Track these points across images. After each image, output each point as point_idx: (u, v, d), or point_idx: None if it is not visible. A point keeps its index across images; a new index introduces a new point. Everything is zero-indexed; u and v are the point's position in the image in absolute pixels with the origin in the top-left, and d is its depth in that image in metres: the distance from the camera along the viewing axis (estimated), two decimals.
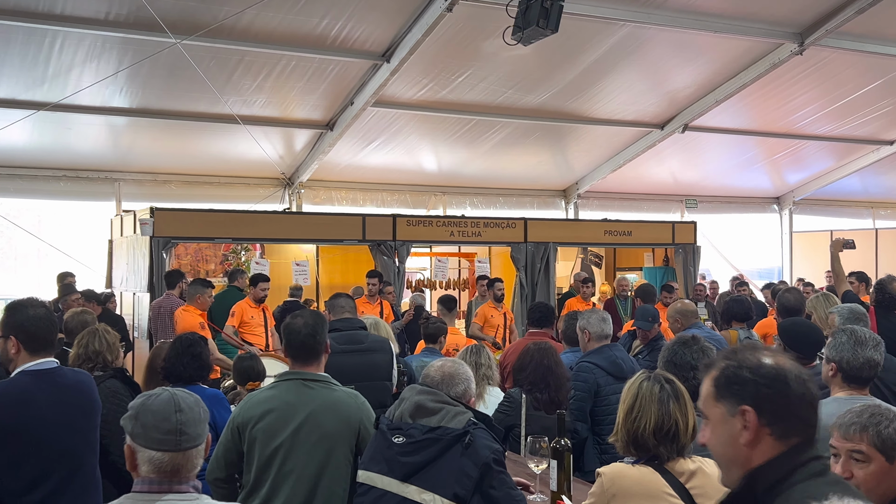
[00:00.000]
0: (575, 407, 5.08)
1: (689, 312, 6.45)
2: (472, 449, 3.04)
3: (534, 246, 11.91)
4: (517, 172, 13.60)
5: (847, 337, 3.55)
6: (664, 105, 11.96)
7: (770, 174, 15.49)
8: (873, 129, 13.75)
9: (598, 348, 5.37)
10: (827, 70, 11.31)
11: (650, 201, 15.30)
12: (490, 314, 9.96)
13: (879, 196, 17.18)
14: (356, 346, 5.07)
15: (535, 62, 10.21)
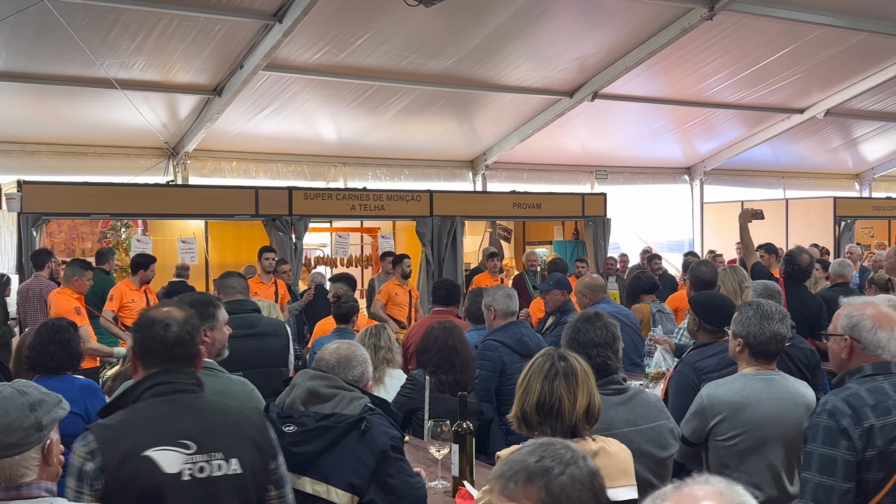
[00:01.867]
0: (480, 387, 5.14)
1: (598, 287, 6.60)
2: (368, 436, 3.04)
3: (440, 220, 11.95)
4: (422, 142, 13.59)
5: (753, 311, 3.66)
6: (573, 72, 12.12)
7: (681, 144, 15.91)
8: (784, 97, 14.27)
9: (504, 326, 5.45)
10: (738, 36, 11.64)
11: (560, 172, 15.53)
12: (395, 292, 9.95)
13: (790, 165, 17.88)
14: (249, 330, 4.98)
15: (439, 25, 10.19)
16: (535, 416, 2.88)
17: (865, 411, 2.96)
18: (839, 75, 13.61)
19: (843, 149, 17.30)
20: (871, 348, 3.06)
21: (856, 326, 3.10)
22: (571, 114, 13.08)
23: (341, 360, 3.27)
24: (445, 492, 3.63)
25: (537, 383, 2.92)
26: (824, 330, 6.62)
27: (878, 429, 2.93)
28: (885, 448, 2.91)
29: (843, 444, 2.94)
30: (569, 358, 3.03)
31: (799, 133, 15.61)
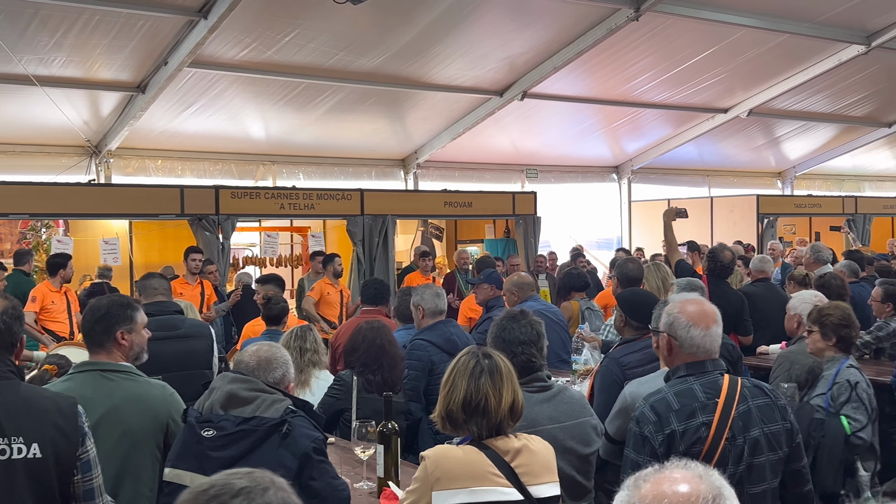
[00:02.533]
0: (409, 386, 5.13)
1: (525, 285, 6.64)
2: (290, 439, 3.00)
3: (371, 219, 11.90)
4: (352, 141, 13.51)
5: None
6: (503, 71, 12.18)
7: (609, 143, 16.14)
8: (709, 97, 14.57)
9: (433, 325, 5.45)
10: (663, 36, 11.84)
11: (491, 171, 15.60)
12: (326, 291, 9.88)
13: (715, 164, 18.29)
14: (171, 332, 4.88)
15: (367, 23, 10.14)
16: (462, 415, 2.88)
17: (669, 417, 3.03)
18: (762, 76, 13.95)
19: (765, 147, 17.76)
20: (685, 346, 3.13)
21: (672, 324, 3.16)
22: (502, 113, 13.15)
23: (261, 362, 3.22)
24: (371, 493, 3.60)
25: (463, 381, 2.91)
26: (745, 325, 6.80)
27: (679, 434, 3.00)
28: (688, 451, 2.97)
29: (646, 450, 3.03)
30: (493, 355, 3.04)
31: (723, 132, 15.96)
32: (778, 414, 3.14)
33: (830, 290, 6.73)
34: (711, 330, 3.16)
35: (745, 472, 3.05)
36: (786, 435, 3.14)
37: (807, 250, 9.52)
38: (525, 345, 3.57)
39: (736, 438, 3.04)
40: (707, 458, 2.99)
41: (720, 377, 3.13)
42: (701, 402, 3.06)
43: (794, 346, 4.79)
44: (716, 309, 3.28)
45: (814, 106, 15.55)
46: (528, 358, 3.57)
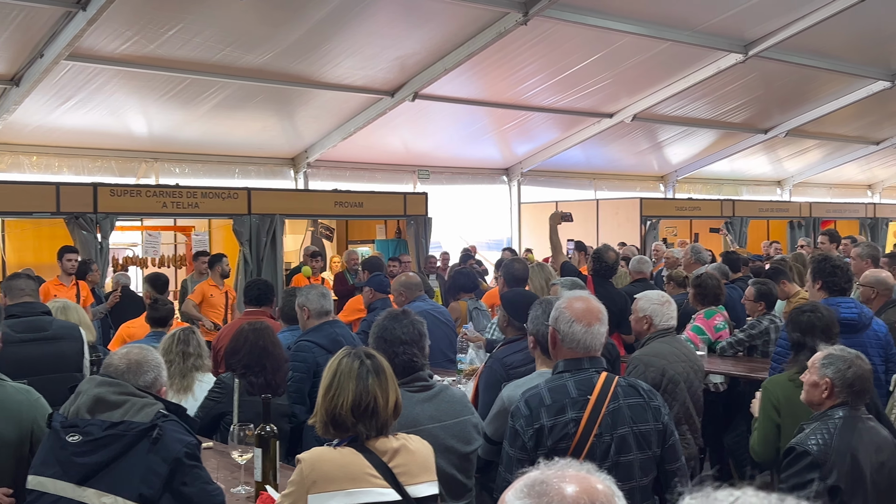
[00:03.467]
0: (293, 388, 5.06)
1: (413, 285, 6.64)
2: (160, 444, 2.92)
3: (259, 218, 11.69)
4: (240, 138, 13.24)
5: (542, 309, 3.73)
6: (394, 71, 12.16)
7: (499, 145, 16.33)
8: (595, 102, 14.90)
9: (318, 326, 5.39)
10: (551, 41, 12.05)
11: (383, 171, 15.56)
12: (210, 293, 9.66)
13: (601, 167, 18.73)
14: (38, 334, 4.69)
15: (255, 19, 9.96)
16: (350, 418, 2.86)
17: (540, 412, 3.09)
18: (645, 82, 14.35)
19: (649, 152, 18.29)
20: (567, 341, 3.21)
21: (558, 318, 3.24)
22: (393, 113, 13.13)
23: (131, 365, 3.11)
24: (248, 497, 3.53)
25: (350, 383, 2.89)
26: (629, 324, 6.95)
27: (548, 429, 3.07)
28: (555, 446, 3.04)
29: (517, 444, 3.10)
30: (374, 355, 3.04)
31: (609, 136, 16.35)
32: (650, 414, 3.21)
33: (706, 289, 6.99)
34: (594, 327, 3.21)
35: (611, 469, 3.09)
36: (657, 436, 3.20)
37: (687, 251, 9.85)
38: (407, 344, 3.58)
39: (603, 436, 3.10)
40: (574, 454, 3.05)
41: (596, 375, 3.19)
42: (572, 399, 3.11)
43: (647, 349, 4.82)
44: (602, 307, 3.33)
45: (694, 112, 16.10)
46: (409, 357, 3.58)
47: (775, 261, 8.98)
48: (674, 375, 4.69)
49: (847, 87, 16.17)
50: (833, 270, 5.29)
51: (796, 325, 4.46)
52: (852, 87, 16.21)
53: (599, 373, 3.21)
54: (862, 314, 5.16)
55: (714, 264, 8.83)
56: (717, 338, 7.01)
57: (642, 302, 4.93)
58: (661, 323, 4.85)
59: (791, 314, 4.48)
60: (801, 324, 4.43)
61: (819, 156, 21.22)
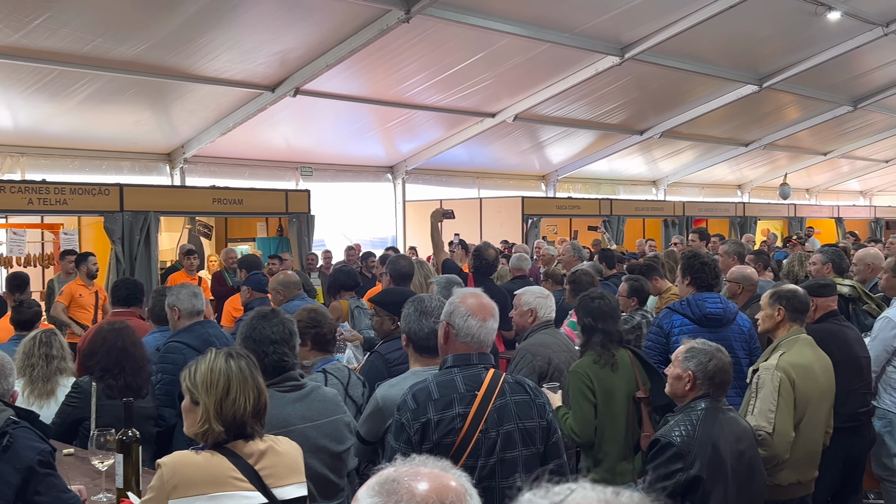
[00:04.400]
0: (162, 391, 4.91)
1: (292, 284, 6.55)
2: (11, 451, 2.77)
3: (132, 215, 11.30)
4: (112, 133, 12.75)
5: (414, 308, 3.71)
6: (274, 66, 11.95)
7: (384, 143, 16.30)
8: (478, 101, 15.04)
9: (190, 326, 5.25)
10: (434, 40, 12.08)
11: (265, 168, 15.29)
12: (79, 293, 9.28)
13: (484, 166, 18.92)
14: None
15: (128, 9, 9.62)
16: (251, 420, 2.81)
17: (427, 406, 3.10)
18: (526, 82, 14.57)
19: (530, 152, 18.59)
20: (461, 335, 3.23)
21: (452, 313, 3.27)
22: (274, 109, 12.90)
23: None
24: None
25: (248, 385, 2.82)
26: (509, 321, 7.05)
27: (434, 423, 3.07)
28: (441, 441, 3.06)
29: (403, 438, 3.10)
30: (245, 353, 2.98)
31: (492, 136, 16.53)
32: (535, 411, 3.24)
33: (581, 285, 7.13)
34: (488, 322, 3.24)
35: (496, 465, 3.13)
36: (541, 432, 3.24)
37: (566, 248, 10.05)
38: (277, 343, 3.51)
39: (489, 431, 3.11)
40: (460, 450, 3.06)
41: (484, 371, 3.20)
42: (460, 394, 3.12)
43: (532, 339, 4.99)
44: (494, 304, 3.36)
45: (574, 113, 16.46)
46: (279, 357, 3.52)
47: (648, 258, 9.26)
48: (559, 364, 4.84)
49: (718, 90, 16.84)
50: (701, 267, 5.49)
51: (588, 311, 4.69)
52: (723, 91, 16.90)
53: (488, 369, 3.22)
54: (727, 309, 5.37)
55: (588, 262, 9.04)
56: None
57: (526, 296, 5.13)
58: (544, 315, 5.09)
59: (581, 301, 4.70)
60: (592, 310, 4.66)
61: (692, 157, 22.04)
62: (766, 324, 4.79)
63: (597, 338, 4.59)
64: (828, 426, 4.82)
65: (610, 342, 4.61)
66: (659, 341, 5.25)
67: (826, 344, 5.10)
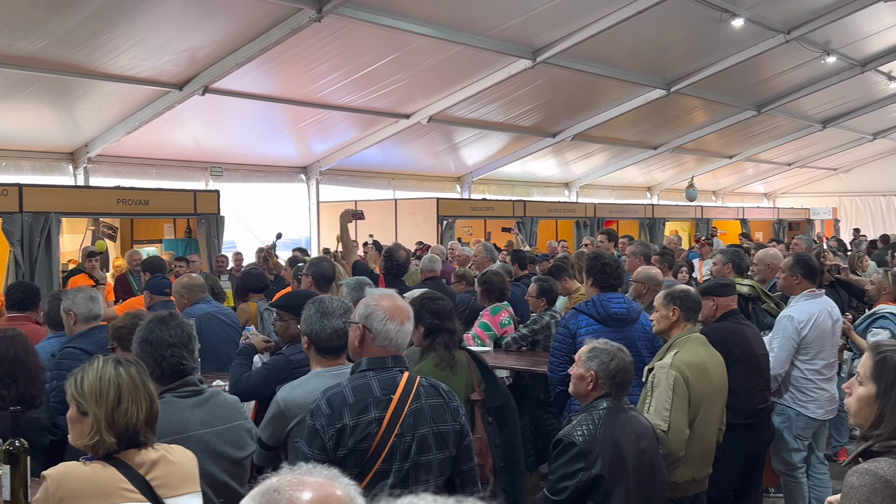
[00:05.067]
0: (58, 399, 4.72)
1: (196, 286, 6.41)
2: None
3: (32, 217, 10.89)
4: (10, 131, 12.26)
5: (315, 309, 3.67)
6: (182, 64, 11.68)
7: (297, 143, 16.11)
8: (392, 102, 14.98)
9: (87, 331, 5.09)
10: (347, 40, 11.98)
11: (174, 168, 14.94)
12: None
13: (399, 167, 18.89)
14: None
15: (28, 3, 9.28)
16: (144, 428, 2.72)
17: (343, 411, 3.07)
18: (440, 84, 14.59)
19: (445, 153, 18.64)
20: (379, 339, 3.21)
21: (369, 316, 3.24)
22: (183, 107, 12.61)
23: None
24: None
25: (141, 393, 2.73)
26: None
27: (350, 428, 3.05)
28: (357, 446, 3.05)
29: (317, 444, 3.06)
30: (132, 359, 2.89)
31: (406, 137, 16.51)
32: (449, 415, 3.23)
33: (492, 286, 7.19)
34: (405, 325, 3.23)
35: (411, 468, 3.12)
36: (455, 436, 3.23)
37: (479, 249, 10.11)
38: (175, 347, 3.43)
39: (405, 435, 3.10)
40: (376, 454, 3.04)
41: (399, 374, 3.19)
42: (376, 398, 3.09)
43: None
44: (409, 306, 3.36)
45: (488, 115, 16.56)
46: (178, 361, 3.43)
47: (558, 259, 9.37)
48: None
49: (628, 94, 17.18)
50: (602, 268, 5.58)
51: (433, 312, 4.53)
52: (632, 95, 17.24)
53: (402, 372, 3.21)
54: (631, 309, 5.46)
55: (499, 264, 9.11)
56: (502, 333, 7.22)
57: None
58: None
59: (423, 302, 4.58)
60: (438, 310, 4.55)
61: (603, 159, 22.43)
62: (662, 324, 4.88)
63: (441, 338, 4.45)
64: (721, 423, 4.94)
65: (452, 343, 4.51)
66: (565, 341, 5.31)
67: (726, 342, 5.24)
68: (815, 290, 6.19)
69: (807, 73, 18.24)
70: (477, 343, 7.10)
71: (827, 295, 6.41)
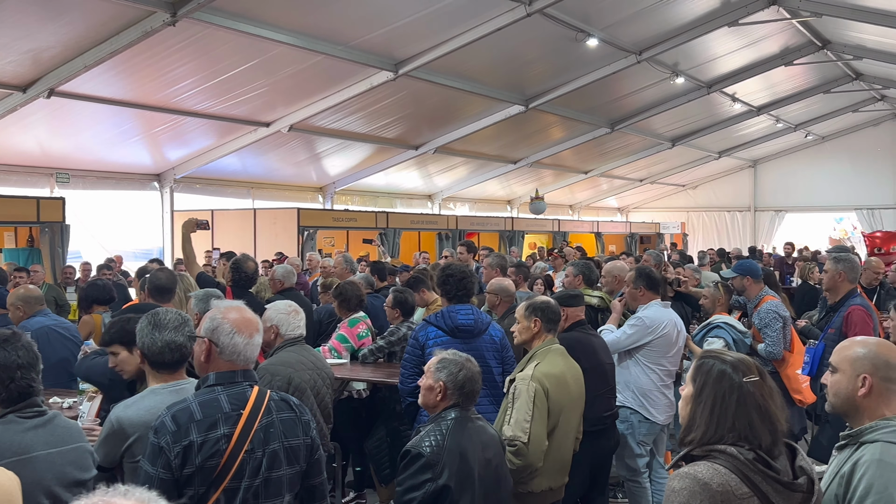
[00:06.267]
0: None
1: (32, 299, 6.12)
2: None
3: None
4: None
5: (147, 321, 3.57)
6: (26, 65, 11.13)
7: (150, 150, 15.57)
8: (251, 110, 14.71)
9: None
10: (203, 45, 11.70)
11: (15, 174, 14.16)
12: None
13: (259, 176, 18.55)
14: None
15: None
16: None
17: (190, 427, 3.00)
18: (301, 93, 14.45)
19: (307, 163, 18.44)
20: (227, 353, 3.17)
21: (216, 330, 3.19)
22: (27, 110, 12.01)
23: None
24: None
25: None
26: None
27: (198, 445, 2.99)
28: (204, 463, 2.99)
29: (161, 462, 2.98)
30: None
31: (266, 145, 16.24)
32: (301, 429, 3.21)
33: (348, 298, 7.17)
34: (254, 338, 3.19)
35: (261, 485, 3.07)
36: (305, 450, 3.21)
37: (339, 261, 10.04)
38: (23, 369, 3.24)
39: (255, 451, 3.06)
40: (224, 471, 2.98)
41: (249, 389, 3.14)
42: (225, 413, 3.04)
43: (274, 358, 4.86)
44: (258, 318, 3.31)
45: (351, 126, 16.51)
46: (27, 383, 3.24)
47: (417, 270, 9.44)
48: (300, 384, 4.75)
49: (488, 109, 17.49)
50: (446, 279, 5.67)
51: None
52: (493, 110, 17.57)
53: (252, 386, 3.15)
54: (478, 320, 5.56)
55: (360, 274, 9.08)
56: (360, 345, 7.21)
57: (270, 312, 4.97)
58: (289, 332, 4.92)
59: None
60: None
61: (465, 172, 22.76)
62: (523, 335, 4.99)
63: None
64: (578, 432, 5.08)
65: None
66: (415, 353, 5.35)
67: (574, 352, 5.40)
68: (660, 301, 6.48)
69: (657, 92, 19.09)
70: (333, 355, 7.05)
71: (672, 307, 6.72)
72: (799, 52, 18.76)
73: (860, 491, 2.67)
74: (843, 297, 6.41)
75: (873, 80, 22.30)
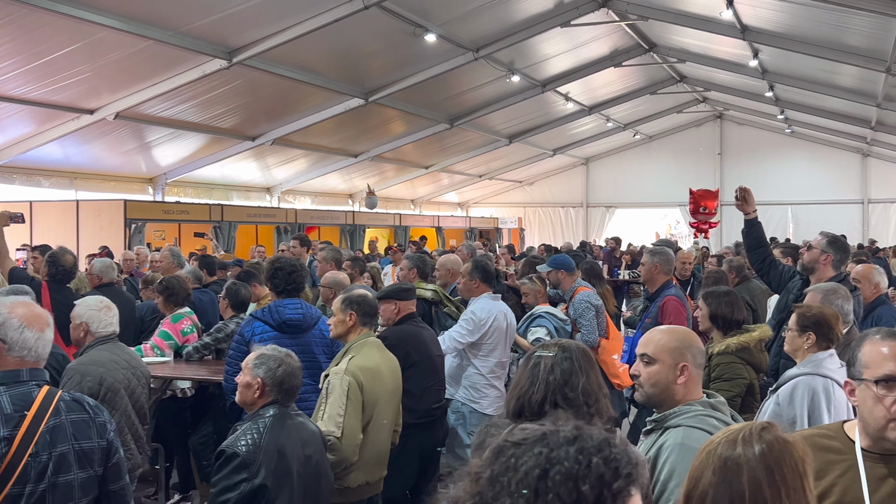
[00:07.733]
0: None
1: None
2: None
3: None
4: None
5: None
6: None
7: None
8: (74, 96, 13.92)
9: None
10: (21, 25, 10.97)
11: None
12: None
13: (83, 166, 17.58)
14: None
15: None
16: None
17: None
18: (128, 79, 13.79)
19: (136, 152, 17.63)
20: (16, 349, 3.01)
21: (3, 325, 3.02)
22: None
23: None
24: None
25: None
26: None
27: None
28: None
29: None
30: None
31: (90, 134, 15.42)
32: (95, 431, 3.06)
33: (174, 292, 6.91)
34: (45, 333, 3.01)
35: (48, 490, 2.90)
36: (100, 453, 3.07)
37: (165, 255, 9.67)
38: None
39: (40, 455, 2.89)
40: (5, 477, 2.81)
41: (36, 388, 2.95)
42: (6, 415, 2.86)
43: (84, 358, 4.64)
44: (47, 313, 3.12)
45: (183, 115, 15.91)
46: None
47: (249, 265, 9.22)
48: (113, 384, 4.52)
49: (328, 101, 17.29)
50: (275, 273, 5.57)
51: None
52: (332, 102, 17.38)
53: (41, 386, 2.95)
54: (307, 315, 5.48)
55: (188, 268, 8.79)
56: (184, 342, 6.96)
57: (79, 308, 4.72)
58: (100, 329, 4.67)
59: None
60: None
61: (305, 165, 22.44)
62: (339, 329, 4.92)
63: None
64: (397, 425, 5.08)
65: None
66: (240, 349, 5.22)
67: (405, 344, 5.42)
68: (492, 293, 6.61)
69: (495, 90, 19.46)
70: (156, 353, 6.78)
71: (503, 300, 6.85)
72: (627, 54, 19.59)
73: (664, 475, 2.78)
74: (660, 288, 6.73)
75: (696, 83, 23.61)
